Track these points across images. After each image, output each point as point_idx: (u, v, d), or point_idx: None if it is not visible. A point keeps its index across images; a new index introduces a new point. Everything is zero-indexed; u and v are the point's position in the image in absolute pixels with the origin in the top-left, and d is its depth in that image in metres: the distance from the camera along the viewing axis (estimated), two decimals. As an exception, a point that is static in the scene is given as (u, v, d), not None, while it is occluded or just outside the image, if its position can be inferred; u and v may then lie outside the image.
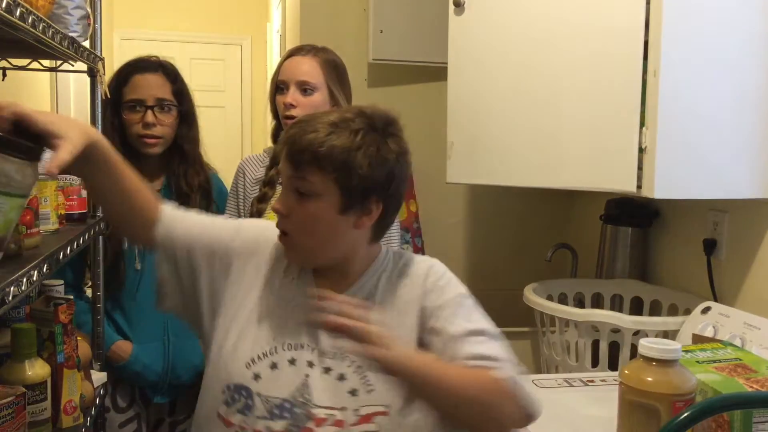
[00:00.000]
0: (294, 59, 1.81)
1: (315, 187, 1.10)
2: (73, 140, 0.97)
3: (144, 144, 1.81)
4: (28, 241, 1.19)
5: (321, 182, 1.10)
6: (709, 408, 0.86)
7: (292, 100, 1.77)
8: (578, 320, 1.89)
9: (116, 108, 1.81)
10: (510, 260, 2.84)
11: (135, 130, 1.80)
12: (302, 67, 1.80)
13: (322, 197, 1.10)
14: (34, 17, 1.10)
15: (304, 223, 1.12)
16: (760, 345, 1.52)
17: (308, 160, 1.09)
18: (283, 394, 1.12)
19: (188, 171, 1.89)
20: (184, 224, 1.23)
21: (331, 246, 1.17)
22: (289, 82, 1.79)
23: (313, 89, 1.78)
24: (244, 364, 1.14)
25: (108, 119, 1.79)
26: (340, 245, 1.17)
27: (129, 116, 1.80)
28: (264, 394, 1.12)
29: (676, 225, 2.15)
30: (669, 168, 1.63)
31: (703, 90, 1.64)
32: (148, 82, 1.81)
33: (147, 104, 1.80)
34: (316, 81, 1.79)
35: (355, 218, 1.14)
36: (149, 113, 1.80)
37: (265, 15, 5.39)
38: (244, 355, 1.15)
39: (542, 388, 1.57)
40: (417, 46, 2.68)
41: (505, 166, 1.96)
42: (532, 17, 1.89)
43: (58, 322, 1.35)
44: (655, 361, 1.17)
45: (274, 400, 1.12)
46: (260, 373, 1.13)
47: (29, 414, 1.23)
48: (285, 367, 1.14)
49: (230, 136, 5.74)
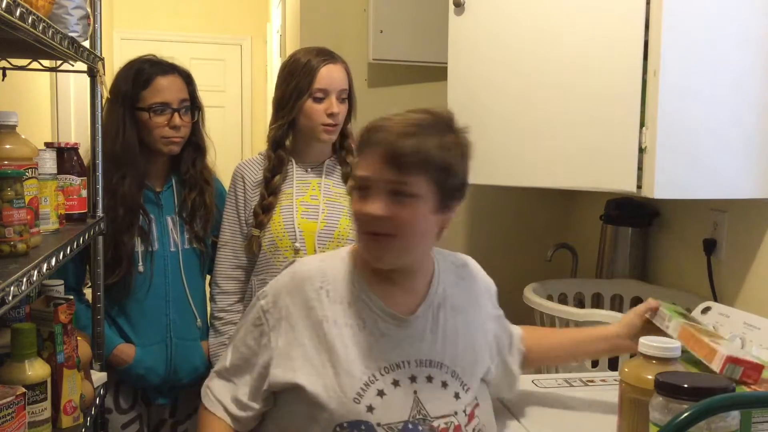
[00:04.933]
0: (330, 67, 1.81)
1: (417, 189, 1.12)
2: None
3: (168, 143, 1.82)
4: (29, 241, 1.19)
5: (423, 184, 1.12)
6: (709, 408, 0.85)
7: (338, 109, 1.80)
8: (578, 320, 1.89)
9: (132, 108, 1.80)
10: (510, 260, 2.84)
11: (160, 132, 1.80)
12: (339, 75, 1.82)
13: (422, 198, 1.13)
14: (34, 17, 1.10)
15: (405, 224, 1.13)
16: (760, 345, 1.52)
17: (413, 163, 1.11)
18: (402, 416, 1.13)
19: (204, 168, 1.92)
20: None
21: (423, 245, 1.21)
22: (330, 90, 1.80)
23: (347, 96, 1.84)
24: (351, 400, 1.13)
25: (119, 118, 1.78)
26: (429, 244, 1.22)
27: (155, 119, 1.80)
28: (385, 423, 1.12)
29: (676, 225, 2.15)
30: (669, 168, 1.63)
31: (703, 90, 1.64)
32: (171, 85, 1.82)
33: (173, 107, 1.81)
34: (348, 87, 1.84)
35: (444, 217, 1.18)
36: (176, 116, 1.81)
37: (265, 15, 5.39)
38: (346, 392, 1.13)
39: (542, 388, 1.57)
40: (417, 46, 2.68)
41: (505, 166, 1.96)
42: (532, 17, 1.89)
43: (58, 322, 1.35)
44: (655, 359, 1.17)
45: (396, 426, 1.13)
46: (372, 403, 1.13)
47: (29, 414, 1.23)
48: (392, 392, 1.15)
49: (230, 136, 5.74)
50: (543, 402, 1.51)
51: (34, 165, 1.30)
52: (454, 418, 1.16)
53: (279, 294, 1.23)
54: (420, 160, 1.11)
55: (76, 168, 1.60)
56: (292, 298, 1.21)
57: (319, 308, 1.19)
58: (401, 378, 1.15)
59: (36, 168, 1.31)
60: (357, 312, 1.19)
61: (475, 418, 1.19)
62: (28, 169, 1.26)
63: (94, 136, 1.73)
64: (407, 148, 1.10)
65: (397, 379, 1.15)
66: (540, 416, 1.42)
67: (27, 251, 1.17)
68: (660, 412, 1.04)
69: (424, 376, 1.17)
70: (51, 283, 1.45)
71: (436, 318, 1.22)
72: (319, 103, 1.79)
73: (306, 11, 2.77)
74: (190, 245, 1.89)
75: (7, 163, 1.22)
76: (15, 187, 1.15)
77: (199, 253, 1.91)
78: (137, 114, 1.80)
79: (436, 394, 1.16)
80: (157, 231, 1.85)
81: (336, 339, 1.17)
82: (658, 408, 1.05)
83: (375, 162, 1.13)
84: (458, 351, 1.22)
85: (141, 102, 1.80)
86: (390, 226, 1.13)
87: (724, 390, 1.02)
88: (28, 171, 1.25)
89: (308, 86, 1.79)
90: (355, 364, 1.15)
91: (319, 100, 1.79)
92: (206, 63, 5.74)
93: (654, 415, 1.06)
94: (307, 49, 1.86)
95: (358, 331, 1.18)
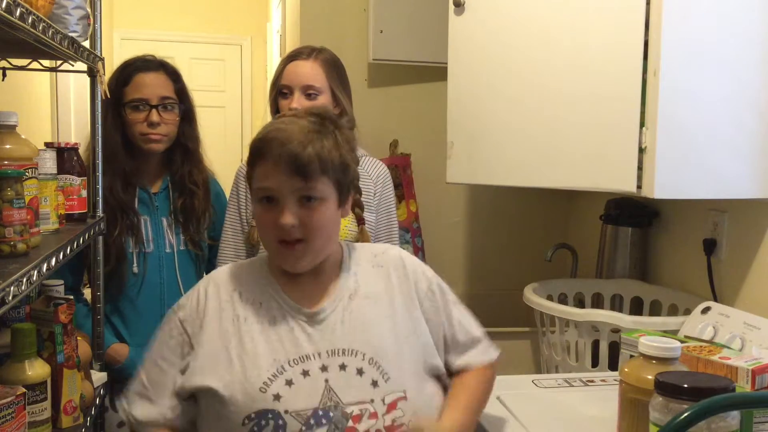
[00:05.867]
0: (296, 63, 1.80)
1: (322, 192, 1.18)
2: None
3: (147, 140, 1.82)
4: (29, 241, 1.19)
5: (326, 185, 1.19)
6: (709, 408, 0.85)
7: (298, 105, 1.77)
8: (578, 320, 1.89)
9: (117, 107, 1.81)
10: (510, 260, 2.84)
11: (138, 128, 1.81)
12: (305, 71, 1.79)
13: (328, 199, 1.19)
14: (34, 17, 1.10)
15: (317, 227, 1.18)
16: (760, 345, 1.52)
17: (315, 169, 1.16)
18: (311, 404, 1.14)
19: (192, 169, 1.91)
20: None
21: (334, 239, 1.26)
22: (293, 86, 1.78)
23: (318, 93, 1.79)
24: (258, 390, 1.14)
25: (109, 119, 1.79)
26: (336, 238, 1.27)
27: (132, 115, 1.80)
28: (293, 410, 1.13)
29: (676, 225, 2.15)
30: (669, 168, 1.62)
31: (703, 90, 1.63)
32: (152, 81, 1.82)
33: (151, 103, 1.80)
34: (320, 84, 1.79)
35: (343, 210, 1.25)
36: (154, 112, 1.80)
37: (265, 15, 5.39)
38: (253, 383, 1.14)
39: (542, 388, 1.57)
40: (417, 46, 2.68)
41: (505, 165, 1.96)
42: (532, 17, 1.89)
43: (58, 322, 1.35)
44: (655, 359, 1.17)
45: (305, 413, 1.13)
46: (279, 392, 1.14)
47: (29, 414, 1.23)
48: (300, 381, 1.15)
49: (230, 136, 5.74)
50: (543, 402, 1.51)
51: (34, 165, 1.30)
52: (369, 405, 1.15)
53: (194, 303, 1.24)
54: (322, 163, 1.16)
55: (76, 168, 1.60)
56: (207, 306, 1.23)
57: (230, 309, 1.22)
58: (311, 368, 1.16)
59: (36, 168, 1.31)
60: (268, 311, 1.22)
61: (397, 409, 1.17)
62: (28, 169, 1.26)
63: (94, 136, 1.73)
64: (310, 155, 1.15)
65: (307, 369, 1.16)
66: (540, 416, 1.42)
67: (27, 251, 1.17)
68: (660, 412, 1.04)
69: (336, 365, 1.17)
70: (51, 283, 1.45)
71: (348, 308, 1.23)
72: (284, 99, 1.80)
73: (306, 11, 2.77)
74: (185, 247, 1.89)
75: (7, 163, 1.22)
76: (15, 187, 1.15)
77: (195, 255, 1.91)
78: (120, 110, 1.81)
79: (351, 381, 1.16)
80: (152, 232, 1.85)
81: (245, 335, 1.19)
82: (658, 408, 1.05)
83: (279, 172, 1.16)
84: (376, 339, 1.21)
85: (123, 98, 1.81)
86: (302, 231, 1.17)
87: (724, 390, 1.02)
88: (28, 171, 1.25)
89: (276, 83, 1.82)
90: (263, 358, 1.16)
91: (285, 96, 1.80)
92: (206, 63, 5.75)
93: (654, 415, 1.06)
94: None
95: (268, 327, 1.20)
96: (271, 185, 1.17)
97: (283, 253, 1.20)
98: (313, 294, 1.24)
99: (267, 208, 1.19)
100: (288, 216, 1.16)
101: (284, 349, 1.18)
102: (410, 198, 2.67)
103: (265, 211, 1.19)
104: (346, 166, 1.22)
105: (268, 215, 1.19)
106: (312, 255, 1.21)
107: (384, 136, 2.73)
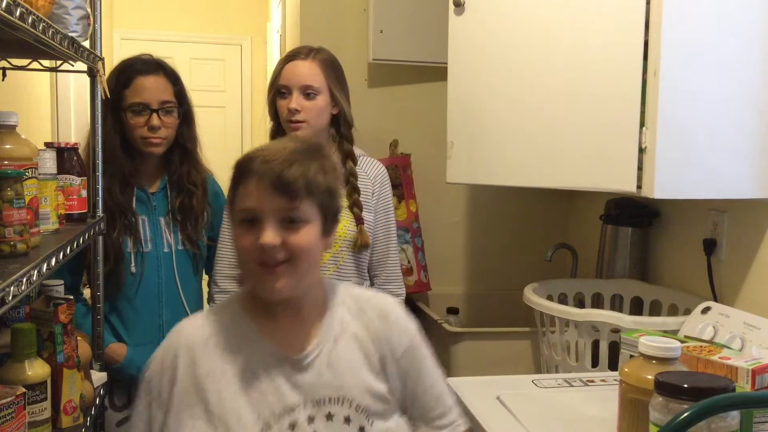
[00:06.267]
0: (294, 63, 1.81)
1: (306, 214, 1.13)
2: None
3: (148, 144, 1.82)
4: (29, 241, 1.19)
5: (310, 208, 1.13)
6: (709, 408, 0.85)
7: (297, 106, 1.77)
8: (578, 320, 1.89)
9: (117, 110, 1.81)
10: (510, 260, 2.84)
11: (139, 132, 1.81)
12: (304, 70, 1.79)
13: (312, 222, 1.14)
14: (34, 17, 1.10)
15: (299, 249, 1.12)
16: (760, 345, 1.52)
17: (300, 189, 1.11)
18: None
19: (191, 170, 1.91)
20: None
21: (315, 271, 1.20)
22: (291, 86, 1.79)
23: (316, 92, 1.79)
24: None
25: (109, 121, 1.79)
26: (318, 272, 1.21)
27: (133, 119, 1.80)
28: None
29: (676, 225, 2.15)
30: (669, 168, 1.62)
31: (703, 90, 1.63)
32: (152, 85, 1.81)
33: (152, 108, 1.80)
34: (319, 84, 1.79)
35: (326, 242, 1.19)
36: (155, 117, 1.80)
37: (265, 15, 5.39)
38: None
39: (542, 388, 1.57)
40: (417, 46, 2.68)
41: (505, 166, 1.96)
42: (531, 17, 1.89)
43: (58, 322, 1.35)
44: (655, 359, 1.17)
45: None
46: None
47: (29, 414, 1.23)
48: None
49: (230, 136, 5.73)
50: (543, 402, 1.51)
51: (34, 165, 1.30)
52: None
53: (164, 361, 1.18)
54: (307, 184, 1.12)
55: (76, 168, 1.60)
56: (177, 361, 1.16)
57: (203, 364, 1.15)
58: (298, 419, 1.12)
59: (36, 168, 1.31)
60: (246, 360, 1.16)
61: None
62: (28, 169, 1.26)
63: (94, 136, 1.73)
64: (294, 174, 1.11)
65: (294, 421, 1.12)
66: (540, 416, 1.42)
67: (27, 251, 1.17)
68: (660, 412, 1.04)
69: (323, 415, 1.14)
70: (51, 283, 1.45)
71: (334, 350, 1.18)
72: (282, 99, 1.80)
73: (306, 11, 2.78)
74: (183, 246, 1.89)
75: (7, 163, 1.22)
76: (15, 187, 1.15)
77: (192, 255, 1.91)
78: (120, 113, 1.81)
79: (337, 429, 1.13)
80: (150, 232, 1.86)
81: (224, 393, 1.13)
82: (658, 408, 1.05)
83: (262, 192, 1.11)
84: (362, 382, 1.18)
85: (123, 101, 1.80)
86: (285, 253, 1.11)
87: (724, 390, 1.02)
88: (28, 171, 1.25)
89: (274, 83, 1.82)
90: (248, 416, 1.11)
91: (283, 96, 1.80)
92: (206, 63, 5.74)
93: (654, 415, 1.06)
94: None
95: (248, 378, 1.14)
96: (252, 205, 1.11)
97: (262, 278, 1.13)
98: (297, 337, 1.19)
99: (248, 229, 1.12)
100: (270, 234, 1.09)
101: (267, 403, 1.13)
102: (410, 198, 2.67)
103: (245, 232, 1.12)
104: (332, 193, 1.17)
105: (248, 236, 1.12)
106: (294, 279, 1.13)
107: (384, 136, 2.73)
